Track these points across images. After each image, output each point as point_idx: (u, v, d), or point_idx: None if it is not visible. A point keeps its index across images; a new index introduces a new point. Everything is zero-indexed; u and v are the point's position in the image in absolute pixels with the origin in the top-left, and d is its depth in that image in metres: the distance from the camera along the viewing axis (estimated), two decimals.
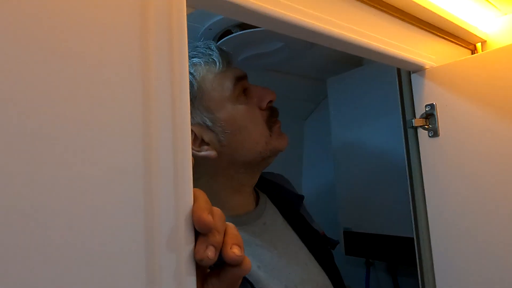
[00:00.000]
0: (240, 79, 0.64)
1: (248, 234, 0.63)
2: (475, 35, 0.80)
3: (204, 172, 0.64)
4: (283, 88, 1.16)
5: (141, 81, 0.31)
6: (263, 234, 0.64)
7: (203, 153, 0.62)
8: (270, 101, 0.67)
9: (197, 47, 0.65)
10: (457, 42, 0.79)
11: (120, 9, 0.31)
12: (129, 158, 0.29)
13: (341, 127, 1.04)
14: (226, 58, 0.64)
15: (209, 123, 0.61)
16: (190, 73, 0.62)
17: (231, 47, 0.84)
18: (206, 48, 0.64)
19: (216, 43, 0.81)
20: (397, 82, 0.74)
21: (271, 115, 0.67)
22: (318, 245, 0.70)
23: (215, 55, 0.63)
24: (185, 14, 0.35)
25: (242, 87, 0.64)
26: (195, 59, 0.64)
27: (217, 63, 0.62)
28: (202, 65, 0.62)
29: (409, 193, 0.73)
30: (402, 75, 0.74)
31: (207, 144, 0.62)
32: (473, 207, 0.58)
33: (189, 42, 0.56)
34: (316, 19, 0.48)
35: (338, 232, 1.03)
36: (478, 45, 0.84)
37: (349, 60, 1.04)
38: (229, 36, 0.78)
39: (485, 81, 0.57)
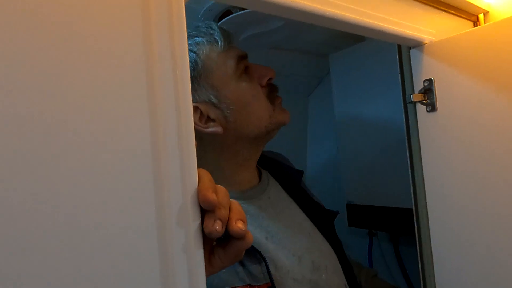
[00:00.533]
0: (242, 58, 0.66)
1: (255, 207, 0.66)
2: (477, 6, 0.79)
3: (211, 149, 0.67)
4: (285, 65, 1.16)
5: (145, 68, 0.33)
6: (268, 208, 0.68)
7: (210, 129, 0.63)
8: (270, 79, 0.69)
9: (198, 27, 0.67)
10: (458, 14, 0.79)
11: None
12: (138, 142, 0.32)
13: (344, 102, 1.05)
14: (228, 37, 0.66)
15: (214, 100, 0.63)
16: (194, 52, 0.63)
17: (232, 27, 0.84)
18: (207, 28, 0.66)
19: (217, 23, 0.82)
20: (397, 58, 0.75)
21: (272, 91, 0.69)
22: (320, 217, 0.73)
23: (217, 34, 0.64)
24: (183, 8, 0.37)
25: (244, 65, 0.66)
26: (197, 38, 0.65)
27: (219, 42, 0.64)
28: (205, 44, 0.64)
29: (409, 166, 0.75)
30: (403, 51, 0.74)
31: (213, 120, 0.64)
32: (469, 179, 0.60)
33: (190, 23, 0.58)
34: (312, 0, 0.49)
35: (341, 205, 1.07)
36: (481, 16, 0.83)
37: (351, 36, 1.04)
38: (230, 16, 0.79)
39: (482, 55, 0.58)
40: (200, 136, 0.64)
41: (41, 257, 0.26)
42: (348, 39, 1.05)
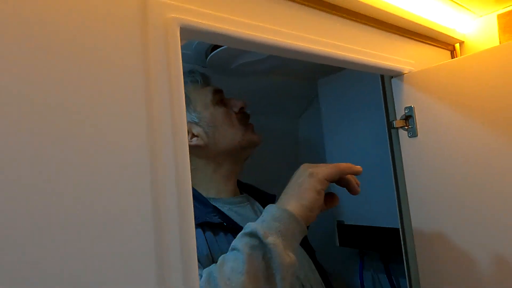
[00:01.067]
0: (217, 91, 0.81)
1: (247, 210, 0.79)
2: (453, 37, 0.85)
3: (199, 162, 0.80)
4: (277, 89, 1.21)
5: (145, 107, 0.37)
6: (257, 213, 0.79)
7: (193, 143, 0.78)
8: (242, 107, 0.83)
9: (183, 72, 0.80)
10: (436, 44, 0.84)
11: (124, 43, 0.36)
12: (137, 155, 0.35)
13: (333, 126, 1.09)
14: (205, 79, 0.83)
15: (196, 120, 0.79)
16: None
17: (224, 57, 0.89)
18: (190, 72, 0.83)
19: (210, 53, 0.87)
20: (381, 86, 0.79)
21: (244, 118, 0.83)
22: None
23: (197, 76, 0.82)
24: (179, 49, 0.41)
25: (220, 97, 0.82)
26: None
27: (199, 81, 0.82)
28: (189, 83, 0.81)
29: (394, 188, 0.79)
30: (385, 79, 0.79)
31: (196, 136, 0.78)
32: (448, 202, 0.64)
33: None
34: (297, 39, 0.53)
35: (332, 224, 1.10)
36: (457, 45, 0.89)
37: None
38: (220, 48, 0.83)
39: (457, 85, 0.63)
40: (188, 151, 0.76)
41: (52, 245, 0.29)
42: (336, 66, 1.10)
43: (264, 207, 0.80)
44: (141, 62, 0.38)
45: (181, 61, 0.41)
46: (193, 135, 0.78)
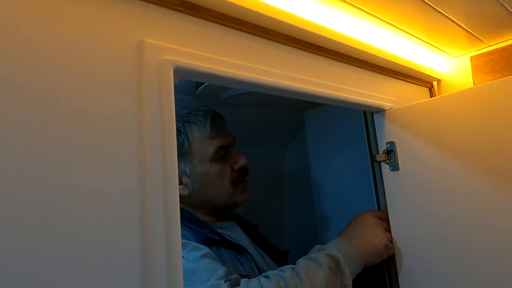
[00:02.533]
0: (223, 147, 0.81)
1: (237, 234, 0.84)
2: (430, 75, 0.90)
3: (184, 202, 0.83)
4: (265, 119, 1.24)
5: (137, 146, 0.38)
6: (243, 237, 0.84)
7: (178, 191, 0.77)
8: (243, 166, 0.84)
9: (197, 114, 0.82)
10: (415, 82, 0.89)
11: (118, 86, 0.38)
12: (128, 197, 0.36)
13: (318, 158, 1.12)
14: (217, 127, 0.81)
15: (188, 172, 0.80)
16: (186, 135, 0.80)
17: (213, 89, 0.92)
18: (203, 117, 0.81)
19: (200, 85, 0.90)
20: (363, 121, 0.83)
21: (241, 175, 0.84)
22: (276, 255, 0.88)
23: (207, 124, 0.80)
24: (172, 88, 0.43)
25: (224, 153, 0.82)
26: (192, 124, 0.81)
27: (207, 130, 0.80)
28: (196, 130, 0.80)
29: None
30: (367, 115, 0.82)
31: (184, 184, 0.80)
32: (428, 233, 0.66)
33: (195, 107, 0.69)
34: (284, 78, 0.56)
35: None
36: (435, 83, 0.95)
37: None
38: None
39: (435, 123, 0.66)
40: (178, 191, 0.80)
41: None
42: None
43: (246, 234, 0.89)
44: (134, 101, 0.39)
45: (173, 100, 0.43)
46: (180, 183, 0.80)
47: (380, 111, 0.75)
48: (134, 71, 0.40)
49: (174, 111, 0.43)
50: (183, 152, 0.79)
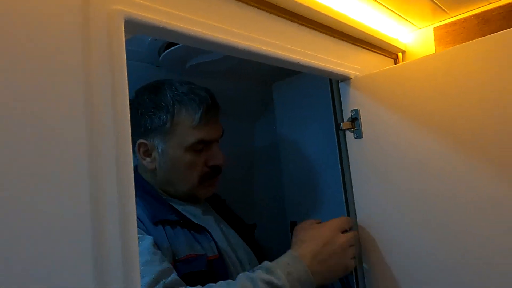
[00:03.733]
0: (204, 142, 0.77)
1: (199, 210, 0.81)
2: (396, 46, 0.91)
3: (149, 172, 0.80)
4: (233, 92, 1.22)
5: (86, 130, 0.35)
6: (208, 213, 0.83)
7: (145, 162, 0.79)
8: (217, 165, 0.80)
9: (193, 99, 0.77)
10: (380, 52, 0.90)
11: (62, 41, 0.35)
12: (76, 157, 0.33)
13: (286, 129, 1.12)
14: (207, 119, 0.76)
15: (159, 150, 0.77)
16: (172, 115, 0.76)
17: (177, 56, 0.88)
18: (198, 104, 0.76)
19: (164, 51, 0.85)
20: (330, 89, 0.83)
21: (212, 172, 0.81)
22: (243, 229, 0.88)
23: (198, 113, 0.75)
24: (123, 42, 0.40)
25: (201, 147, 0.77)
26: (184, 107, 0.76)
27: (195, 121, 0.75)
28: (184, 114, 0.76)
29: (342, 188, 0.82)
30: (333, 83, 0.82)
31: (152, 158, 0.78)
32: (390, 200, 0.68)
33: (196, 88, 0.67)
34: (249, 40, 0.54)
35: (285, 224, 1.12)
36: (399, 54, 0.96)
37: None
38: (174, 47, 0.82)
39: (399, 90, 0.67)
40: (140, 162, 0.80)
41: None
42: (290, 70, 1.14)
43: (214, 209, 0.88)
44: (80, 55, 0.36)
45: (125, 57, 0.40)
46: (149, 156, 0.78)
47: (345, 79, 0.75)
48: (80, 23, 0.37)
49: (126, 71, 0.40)
50: (163, 130, 0.76)
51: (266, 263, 0.62)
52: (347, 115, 0.76)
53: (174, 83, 0.78)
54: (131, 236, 0.36)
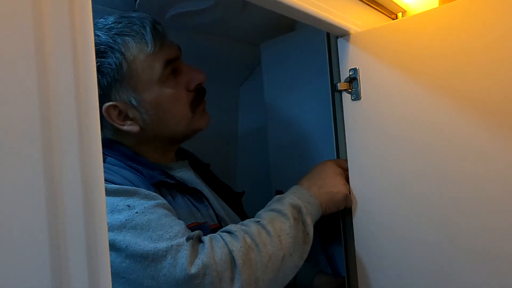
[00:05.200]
0: (170, 62, 0.66)
1: (190, 175, 0.74)
2: (396, 4, 0.84)
3: (129, 139, 0.69)
4: (216, 52, 1.12)
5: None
6: (196, 179, 0.75)
7: (126, 127, 0.66)
8: (199, 84, 0.70)
9: (131, 23, 0.65)
10: (380, 10, 0.83)
11: None
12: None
13: (274, 92, 1.05)
14: (160, 38, 0.65)
15: (134, 103, 0.65)
16: (121, 53, 0.63)
17: (156, 4, 0.77)
18: (140, 26, 0.64)
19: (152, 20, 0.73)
20: (326, 47, 0.76)
21: (198, 95, 0.71)
22: (230, 197, 0.82)
23: (148, 36, 0.64)
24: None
25: (172, 69, 0.67)
26: (127, 37, 0.64)
27: (149, 44, 0.63)
28: (134, 46, 0.63)
29: (335, 153, 0.77)
30: (331, 41, 0.75)
31: (131, 119, 0.66)
32: (388, 166, 0.63)
33: (124, 13, 0.52)
34: None
35: (270, 194, 1.07)
36: (399, 14, 0.89)
37: (282, 25, 1.03)
38: None
39: (404, 47, 0.61)
40: (117, 128, 0.67)
41: None
42: (279, 28, 1.05)
43: (198, 174, 0.80)
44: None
45: None
46: (127, 118, 0.66)
47: (345, 34, 0.68)
48: None
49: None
50: (122, 77, 0.63)
51: (275, 198, 0.65)
52: (344, 74, 0.69)
53: (96, 22, 0.64)
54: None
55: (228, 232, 0.56)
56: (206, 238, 0.53)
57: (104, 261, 0.28)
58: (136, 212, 0.52)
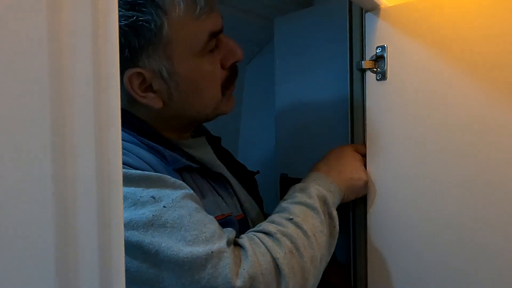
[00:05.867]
0: (215, 34, 0.56)
1: (211, 155, 0.66)
2: None
3: (143, 113, 0.58)
4: (224, 24, 1.05)
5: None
6: (215, 159, 0.66)
7: (145, 100, 0.55)
8: (236, 61, 0.61)
9: None
10: None
11: None
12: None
13: (286, 71, 0.99)
14: (210, 2, 0.54)
15: (164, 74, 0.54)
16: (165, 11, 0.51)
17: None
18: None
19: None
20: (348, 22, 0.70)
21: (231, 76, 0.61)
22: (245, 176, 0.73)
23: None
24: None
25: (214, 44, 0.56)
26: None
27: (198, 7, 0.52)
28: (182, 4, 0.51)
29: (349, 138, 0.73)
30: (354, 15, 0.70)
31: (154, 92, 0.55)
32: (413, 153, 0.59)
33: None
34: None
35: (275, 177, 1.03)
36: None
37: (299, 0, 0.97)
38: None
39: (441, 24, 0.56)
40: (133, 98, 0.56)
41: None
42: (295, 4, 0.99)
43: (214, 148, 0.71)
44: None
45: None
46: (149, 90, 0.55)
47: (375, 8, 0.63)
48: None
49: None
50: (160, 41, 0.51)
51: (296, 187, 0.60)
52: (370, 52, 0.64)
53: None
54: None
55: (266, 233, 0.49)
56: (245, 243, 0.47)
57: (118, 261, 0.23)
58: (164, 206, 0.45)
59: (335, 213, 0.57)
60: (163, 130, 0.59)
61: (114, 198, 0.23)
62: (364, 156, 0.66)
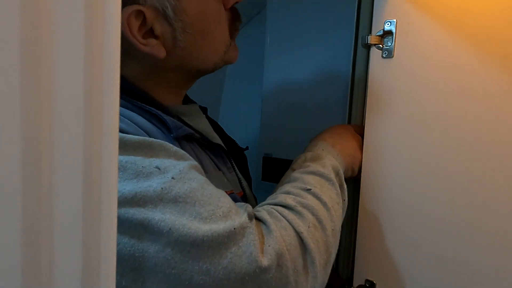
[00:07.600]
0: None
1: (206, 123, 0.61)
2: None
3: (137, 66, 0.50)
4: None
5: None
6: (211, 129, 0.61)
7: (147, 48, 0.47)
8: (237, 1, 0.54)
9: None
10: None
11: None
12: None
13: (278, 45, 0.93)
14: None
15: (169, 12, 0.46)
16: None
17: None
18: None
19: None
20: None
21: (236, 19, 0.56)
22: (236, 151, 0.69)
23: None
24: None
25: None
26: None
27: None
28: None
29: (347, 119, 0.69)
30: None
31: (156, 37, 0.48)
32: (415, 136, 0.56)
33: None
34: None
35: (258, 157, 0.98)
36: None
37: None
38: None
39: (459, 1, 0.52)
40: (126, 47, 0.47)
41: None
42: None
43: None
44: None
45: None
46: (151, 33, 0.47)
47: None
48: None
49: None
50: None
51: (306, 156, 0.55)
52: (378, 27, 0.59)
53: None
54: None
55: (285, 206, 0.44)
56: (265, 217, 0.41)
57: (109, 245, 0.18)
58: (173, 178, 0.38)
59: (345, 185, 0.54)
60: (155, 92, 0.52)
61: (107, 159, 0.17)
62: (362, 137, 0.62)
